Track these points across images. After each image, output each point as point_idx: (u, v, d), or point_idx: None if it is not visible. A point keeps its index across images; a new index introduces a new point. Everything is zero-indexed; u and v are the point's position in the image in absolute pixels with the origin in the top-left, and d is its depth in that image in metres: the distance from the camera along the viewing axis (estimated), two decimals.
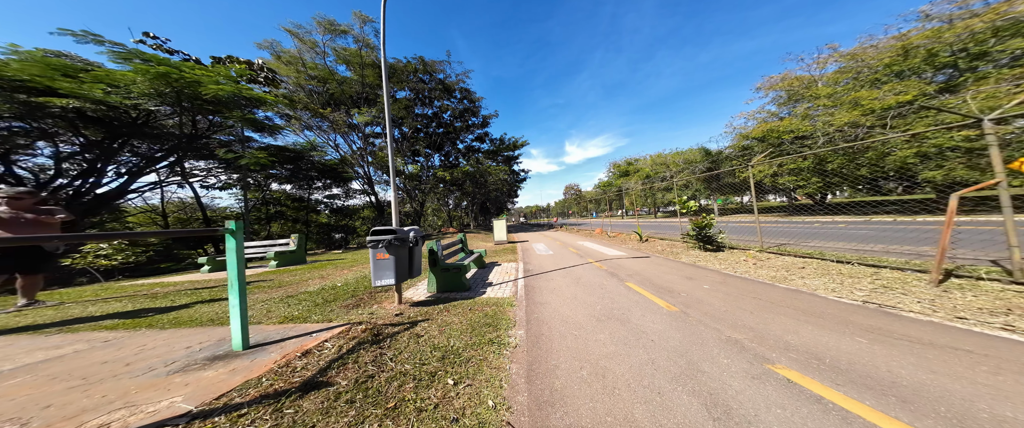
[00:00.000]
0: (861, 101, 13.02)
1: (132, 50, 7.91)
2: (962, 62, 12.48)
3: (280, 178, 15.68)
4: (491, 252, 9.06)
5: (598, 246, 8.87)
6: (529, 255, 7.98)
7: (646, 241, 8.87)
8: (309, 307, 3.46)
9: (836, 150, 5.21)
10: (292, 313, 3.24)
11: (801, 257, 4.74)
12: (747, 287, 3.65)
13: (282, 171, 15.11)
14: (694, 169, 25.85)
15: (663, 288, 3.89)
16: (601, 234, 12.74)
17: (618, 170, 45.28)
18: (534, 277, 5.08)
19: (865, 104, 12.82)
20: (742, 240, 6.84)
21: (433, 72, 20.17)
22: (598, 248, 8.43)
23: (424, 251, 5.75)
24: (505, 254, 8.43)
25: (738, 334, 2.36)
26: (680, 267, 5.16)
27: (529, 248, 9.58)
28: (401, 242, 3.17)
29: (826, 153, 14.36)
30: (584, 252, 7.89)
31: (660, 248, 7.46)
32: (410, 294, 4.24)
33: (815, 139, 14.61)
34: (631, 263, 5.87)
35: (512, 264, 6.64)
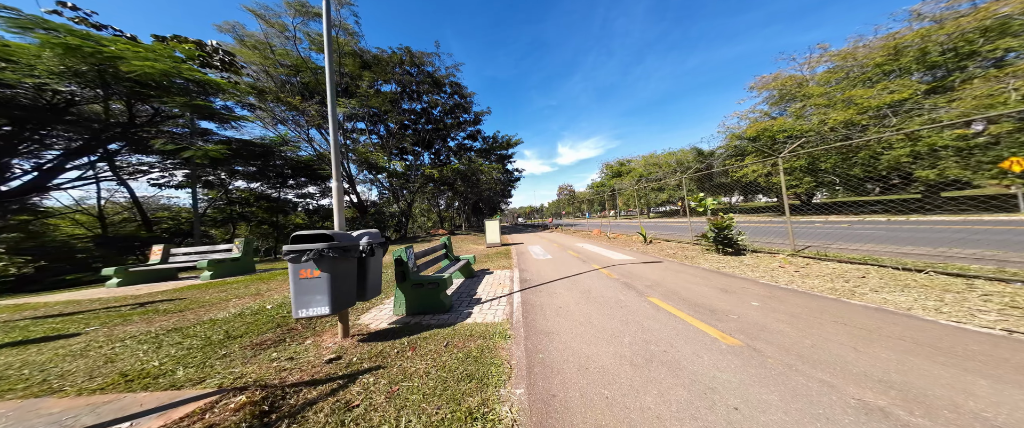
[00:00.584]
0: (855, 100, 12.92)
1: (32, 18, 6.38)
2: (950, 62, 12.62)
3: (246, 175, 14.07)
4: (482, 257, 8.05)
5: (600, 249, 8.04)
6: (525, 260, 7.03)
7: (651, 243, 8.11)
8: (189, 351, 2.36)
9: (868, 141, 4.69)
10: (145, 365, 2.12)
11: (849, 263, 4.01)
12: (811, 305, 2.83)
13: (248, 168, 13.54)
14: (687, 168, 25.70)
15: (700, 306, 3.02)
16: (600, 235, 11.96)
17: (611, 171, 45.24)
18: (533, 290, 4.13)
19: (861, 103, 12.72)
20: (751, 241, 6.13)
21: (421, 65, 19.00)
22: (601, 251, 7.58)
23: (393, 260, 4.68)
24: (498, 259, 7.44)
25: (870, 394, 1.48)
26: (705, 275, 4.34)
27: (525, 251, 8.63)
28: (342, 252, 2.13)
29: (820, 152, 14.24)
30: (586, 256, 7.01)
31: (670, 251, 6.68)
32: (369, 318, 3.19)
33: (809, 138, 14.48)
34: (644, 270, 5.01)
35: (506, 272, 5.66)
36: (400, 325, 2.91)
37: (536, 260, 6.91)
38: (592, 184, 50.18)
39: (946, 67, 12.56)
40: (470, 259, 5.19)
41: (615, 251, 7.42)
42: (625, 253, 7.01)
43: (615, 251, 7.42)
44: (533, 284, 4.47)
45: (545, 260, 6.84)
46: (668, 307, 3.06)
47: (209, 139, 12.66)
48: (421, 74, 19.26)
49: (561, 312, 3.10)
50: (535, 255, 7.75)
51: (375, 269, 2.68)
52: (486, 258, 7.67)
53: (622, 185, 31.66)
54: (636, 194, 34.13)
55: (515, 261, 6.93)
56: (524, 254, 8.09)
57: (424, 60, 18.86)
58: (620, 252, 7.19)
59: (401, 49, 17.66)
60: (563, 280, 4.63)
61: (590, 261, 6.31)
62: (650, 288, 3.86)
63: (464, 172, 19.48)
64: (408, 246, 3.43)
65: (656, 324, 2.62)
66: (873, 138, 9.21)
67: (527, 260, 6.99)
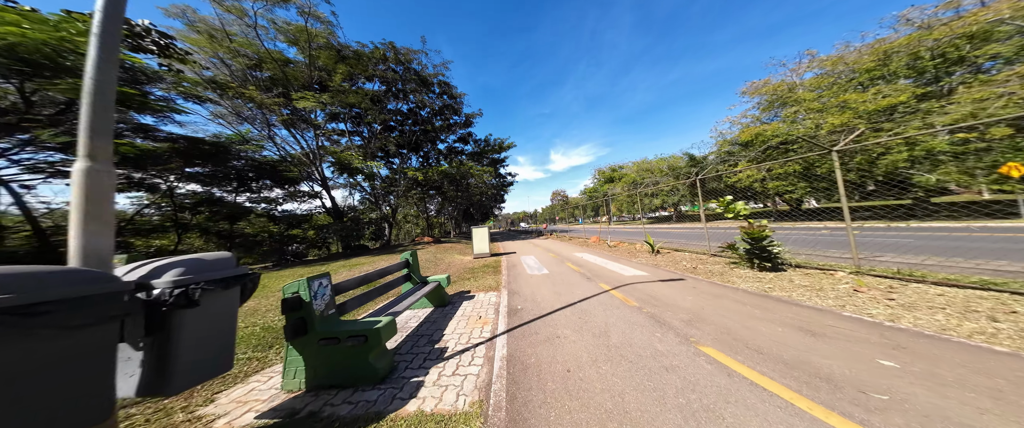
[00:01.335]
0: (850, 104, 12.67)
1: None
2: (939, 68, 12.63)
3: (201, 178, 12.26)
4: (465, 272, 6.72)
5: (603, 260, 6.88)
6: (517, 277, 5.77)
7: (659, 253, 7.03)
8: None
9: (907, 136, 4.02)
10: None
11: (961, 287, 2.97)
12: (990, 366, 1.71)
13: (199, 168, 11.78)
14: (680, 173, 25.37)
15: (795, 367, 1.85)
16: (599, 243, 10.86)
17: (603, 176, 45.05)
18: (526, 330, 2.88)
19: (856, 107, 12.46)
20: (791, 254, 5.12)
21: (407, 62, 17.86)
22: (605, 264, 6.43)
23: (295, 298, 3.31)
24: (484, 275, 6.14)
25: None
26: (756, 303, 3.21)
27: (517, 264, 7.37)
28: (29, 317, 0.82)
29: (814, 158, 13.89)
30: (590, 270, 5.83)
31: (687, 264, 5.59)
32: (230, 403, 1.84)
33: (800, 144, 14.16)
34: (669, 292, 3.86)
35: (491, 296, 4.38)
36: (282, 421, 1.59)
37: (530, 277, 5.67)
38: (585, 190, 49.85)
39: (935, 72, 12.53)
40: (442, 280, 3.90)
41: (621, 263, 6.28)
42: (634, 266, 5.88)
43: (621, 263, 6.28)
44: (526, 319, 3.22)
45: (541, 276, 5.60)
46: (743, 369, 1.87)
47: (157, 135, 10.93)
48: (408, 72, 18.11)
49: (571, 384, 1.85)
50: (529, 269, 6.50)
51: (207, 328, 1.36)
52: (469, 274, 6.36)
53: (616, 191, 31.14)
54: (630, 200, 33.64)
55: (504, 278, 5.66)
56: (516, 268, 6.83)
57: (410, 57, 17.74)
58: (628, 265, 6.06)
59: (384, 44, 16.50)
60: (567, 310, 3.40)
61: (596, 277, 5.13)
62: (691, 325, 2.69)
63: (452, 175, 18.18)
64: (322, 275, 2.12)
65: (747, 418, 1.42)
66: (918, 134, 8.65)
67: (519, 277, 5.73)
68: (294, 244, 15.20)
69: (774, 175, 15.12)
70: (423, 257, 9.19)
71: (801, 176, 14.79)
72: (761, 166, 13.47)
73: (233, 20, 11.79)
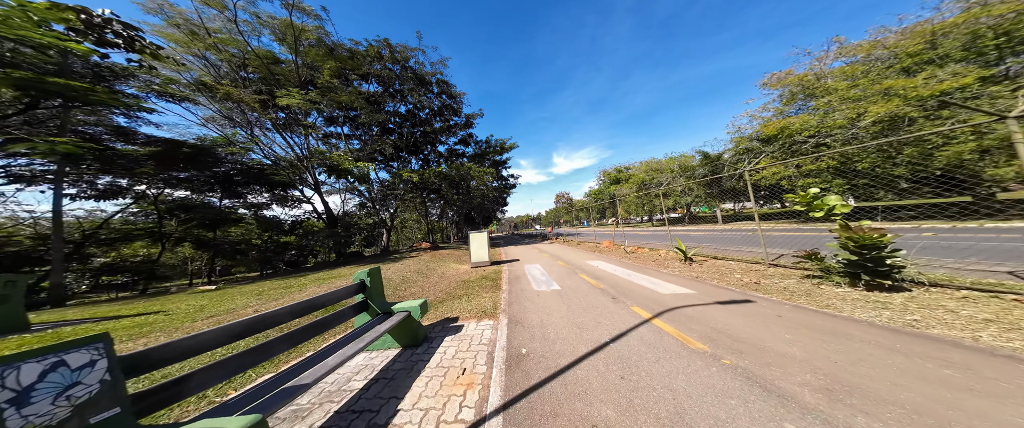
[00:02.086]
0: (897, 90, 11.28)
1: None
2: (1003, 47, 11.18)
3: (175, 182, 11.43)
4: (457, 286, 5.54)
5: (625, 270, 5.65)
6: (521, 294, 4.57)
7: (692, 260, 5.76)
8: None
9: None
10: None
11: None
12: None
13: (180, 173, 10.96)
14: (692, 173, 23.97)
15: None
16: (613, 248, 9.60)
17: (609, 178, 43.78)
18: (537, 403, 1.68)
19: (904, 93, 11.06)
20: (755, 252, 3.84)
21: (403, 61, 17.10)
22: (629, 276, 5.19)
23: None
24: (479, 291, 4.96)
25: None
26: (927, 349, 1.97)
27: (520, 275, 6.16)
28: None
29: (855, 151, 12.47)
30: (612, 284, 4.60)
31: (741, 277, 4.33)
32: None
33: (834, 136, 12.75)
34: (746, 326, 2.62)
35: (484, 329, 3.20)
36: None
37: (537, 294, 4.46)
38: (590, 192, 48.51)
39: (999, 53, 11.09)
40: (413, 310, 2.73)
41: (650, 276, 5.04)
42: (668, 279, 4.64)
43: (650, 276, 5.04)
44: (535, 378, 2.02)
45: (551, 294, 4.40)
46: None
47: (137, 139, 10.17)
48: (405, 71, 17.34)
49: None
50: (535, 283, 5.29)
51: None
52: (462, 289, 5.17)
53: (623, 192, 29.80)
54: (639, 201, 32.25)
55: (504, 296, 4.46)
56: (519, 281, 5.62)
57: (406, 55, 16.98)
58: (660, 278, 4.81)
59: (378, 41, 15.76)
60: (598, 359, 2.19)
61: (624, 296, 3.91)
62: (841, 405, 1.46)
63: (451, 177, 17.16)
64: (80, 342, 0.97)
65: None
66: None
67: (524, 295, 4.53)
68: (291, 251, 14.26)
69: (804, 171, 13.69)
70: (413, 267, 8.05)
71: (837, 172, 13.30)
72: (788, 162, 12.08)
73: (214, 15, 11.10)
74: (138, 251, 11.15)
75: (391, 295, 5.03)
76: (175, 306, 5.20)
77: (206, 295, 6.40)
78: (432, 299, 4.65)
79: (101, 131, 9.94)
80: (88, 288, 10.12)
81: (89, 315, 5.03)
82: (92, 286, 10.19)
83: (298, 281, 6.97)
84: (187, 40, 10.75)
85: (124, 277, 10.87)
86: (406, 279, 6.34)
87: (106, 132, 9.96)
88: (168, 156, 10.35)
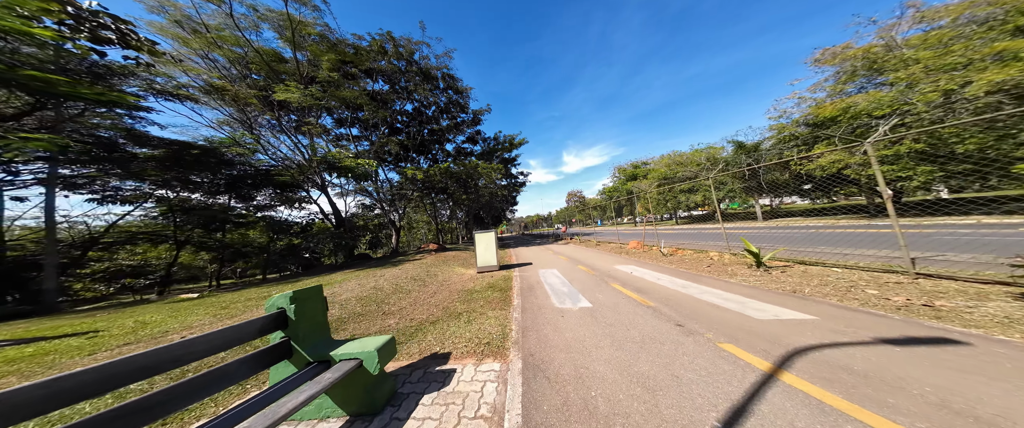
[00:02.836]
0: (1015, 52, 8.95)
1: None
2: None
3: (193, 185, 11.22)
4: (456, 299, 4.44)
5: (674, 280, 4.31)
6: (538, 316, 3.38)
7: (766, 267, 4.30)
8: None
9: None
10: None
11: None
12: None
13: (190, 175, 10.71)
14: (725, 164, 21.70)
15: None
16: (643, 250, 8.18)
17: (625, 174, 41.56)
18: None
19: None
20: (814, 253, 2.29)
21: (408, 56, 16.43)
22: (683, 288, 3.86)
23: None
24: (482, 309, 3.83)
25: None
26: None
27: (535, 285, 4.98)
28: None
29: (951, 131, 10.10)
30: (668, 302, 3.31)
31: (888, 296, 2.91)
32: None
33: (917, 113, 10.47)
34: (1000, 402, 1.27)
35: (487, 377, 2.06)
36: None
37: (561, 315, 3.25)
38: (604, 189, 46.34)
39: None
40: (370, 354, 1.63)
41: (718, 288, 3.69)
42: (751, 295, 3.28)
43: (718, 288, 3.69)
44: None
45: (581, 315, 3.18)
46: None
47: (148, 141, 9.99)
48: (410, 65, 16.67)
49: None
50: (555, 296, 4.08)
51: None
52: (463, 304, 4.06)
53: (642, 187, 27.78)
54: (661, 197, 30.11)
55: (516, 321, 3.29)
56: (534, 293, 4.43)
57: (411, 49, 16.29)
58: (735, 291, 3.46)
59: (381, 34, 15.14)
60: None
61: (693, 322, 2.63)
62: None
63: (458, 175, 16.24)
64: None
65: None
66: None
67: (542, 316, 3.34)
68: (305, 254, 13.88)
69: (878, 157, 11.45)
70: (412, 272, 7.07)
71: (922, 157, 10.96)
72: (854, 148, 10.04)
73: (213, 11, 10.77)
74: (145, 256, 11.00)
75: (372, 312, 4.00)
76: (123, 323, 4.46)
77: (177, 306, 5.72)
78: (422, 319, 3.57)
79: (114, 135, 9.81)
80: (101, 294, 9.98)
81: (21, 334, 4.38)
82: (103, 292, 10.04)
83: (280, 288, 6.17)
84: (191, 39, 10.49)
85: (139, 280, 10.73)
86: (399, 288, 5.33)
87: (121, 136, 9.82)
88: (175, 158, 10.09)
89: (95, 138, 9.29)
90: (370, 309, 4.03)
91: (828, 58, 14.52)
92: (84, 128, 9.00)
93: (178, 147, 10.36)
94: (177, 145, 10.37)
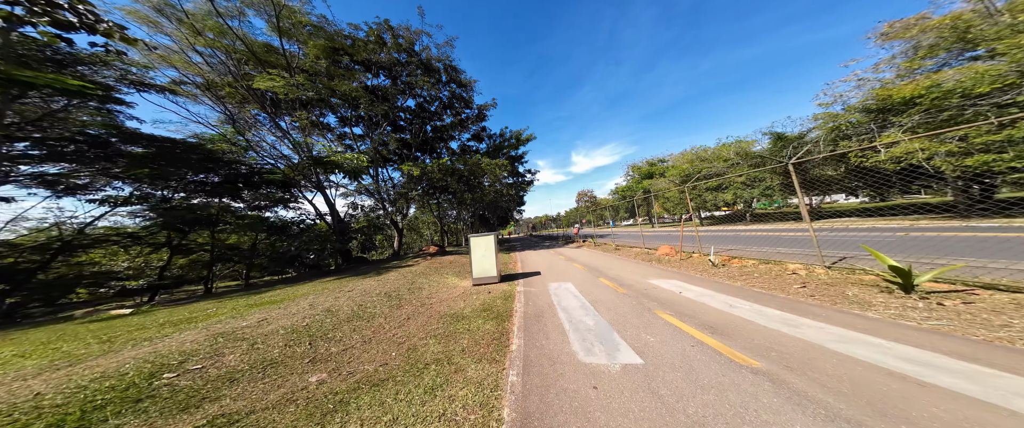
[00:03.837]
0: None
1: None
2: None
3: (169, 183, 10.54)
4: (431, 335, 3.08)
5: (764, 311, 2.78)
6: (551, 380, 1.96)
7: (921, 293, 2.65)
8: None
9: None
10: None
11: None
12: None
13: (184, 173, 10.02)
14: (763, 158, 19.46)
15: None
16: (677, 256, 6.54)
17: (640, 173, 39.27)
18: None
19: None
20: None
21: (408, 46, 15.45)
22: (794, 330, 2.34)
23: None
24: (464, 358, 2.45)
25: None
26: None
27: (545, 311, 3.55)
28: None
29: None
30: (788, 360, 1.80)
31: None
32: None
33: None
34: None
35: None
36: None
37: (590, 375, 1.81)
38: (617, 188, 44.09)
39: None
40: None
41: (865, 330, 2.14)
42: (957, 352, 1.71)
43: (865, 330, 2.14)
44: None
45: (625, 380, 1.71)
46: None
47: (136, 143, 9.38)
48: (411, 57, 15.67)
49: None
50: (577, 337, 2.63)
51: None
52: (436, 345, 2.68)
53: (661, 185, 25.66)
54: (682, 197, 27.93)
55: (510, 408, 1.86)
56: (544, 327, 3.00)
57: (410, 37, 15.30)
58: (907, 340, 1.90)
59: (379, 23, 14.21)
60: None
61: (883, 416, 1.11)
62: None
63: (461, 172, 15.03)
64: None
65: None
66: None
67: (559, 386, 1.89)
68: (310, 255, 13.08)
69: (976, 145, 9.22)
70: (393, 283, 5.79)
71: None
72: (941, 135, 7.90)
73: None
74: (109, 259, 10.33)
75: (295, 358, 2.65)
76: None
77: (96, 324, 4.68)
78: (363, 375, 2.21)
79: (104, 133, 9.22)
80: (76, 301, 9.31)
81: None
82: (85, 299, 9.37)
83: (247, 300, 5.02)
84: (173, 30, 9.84)
85: (102, 289, 10.02)
86: (361, 310, 4.00)
87: (113, 134, 9.23)
88: (161, 155, 9.41)
89: (89, 137, 8.68)
90: (295, 353, 2.72)
91: (899, 32, 12.20)
92: (60, 124, 8.38)
93: (159, 143, 9.68)
94: (158, 141, 9.70)
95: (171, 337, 3.25)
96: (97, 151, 8.65)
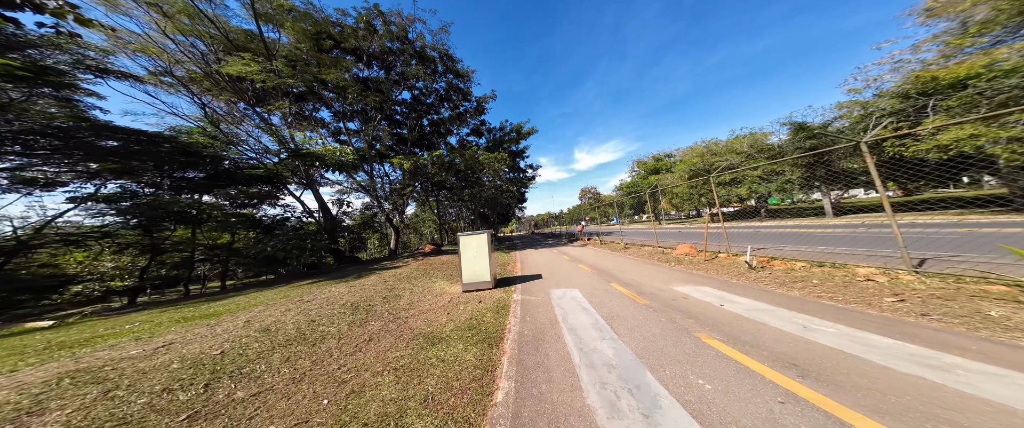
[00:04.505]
0: None
1: None
2: None
3: (141, 178, 9.81)
4: (395, 368, 2.23)
5: (863, 337, 1.93)
6: None
7: None
8: None
9: None
10: None
11: None
12: None
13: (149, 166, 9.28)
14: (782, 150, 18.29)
15: None
16: (699, 257, 5.65)
17: (646, 168, 38.10)
18: None
19: None
20: None
21: (401, 33, 14.52)
22: (928, 372, 1.48)
23: None
24: (433, 413, 1.56)
25: None
26: None
27: (546, 331, 2.70)
28: None
29: None
30: None
31: None
32: None
33: None
34: None
35: None
36: None
37: None
38: (621, 185, 42.92)
39: None
40: None
41: None
42: None
43: None
44: None
45: None
46: None
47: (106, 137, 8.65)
48: (405, 45, 14.74)
49: None
50: (591, 378, 1.79)
51: None
52: (397, 386, 1.84)
53: (669, 182, 24.59)
54: (692, 192, 26.88)
55: None
56: (546, 359, 2.15)
57: (404, 27, 14.36)
58: None
59: (368, 8, 13.28)
60: None
61: None
62: None
63: (458, 167, 14.15)
64: None
65: None
66: None
67: None
68: (309, 254, 12.33)
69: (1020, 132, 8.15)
70: (370, 288, 4.96)
71: None
72: (992, 119, 6.87)
73: None
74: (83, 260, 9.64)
75: (186, 405, 1.82)
76: None
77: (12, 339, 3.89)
78: None
79: (73, 127, 8.48)
80: (53, 304, 8.66)
81: None
82: (61, 302, 8.72)
83: (163, 317, 4.22)
84: (150, 18, 9.03)
85: (94, 288, 9.37)
86: (309, 330, 3.11)
87: (83, 129, 8.49)
88: (128, 150, 8.67)
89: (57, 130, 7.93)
90: (171, 405, 1.83)
91: (944, 6, 10.97)
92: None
93: (124, 135, 8.90)
94: (122, 132, 8.92)
95: (4, 375, 2.34)
96: (53, 142, 7.91)
